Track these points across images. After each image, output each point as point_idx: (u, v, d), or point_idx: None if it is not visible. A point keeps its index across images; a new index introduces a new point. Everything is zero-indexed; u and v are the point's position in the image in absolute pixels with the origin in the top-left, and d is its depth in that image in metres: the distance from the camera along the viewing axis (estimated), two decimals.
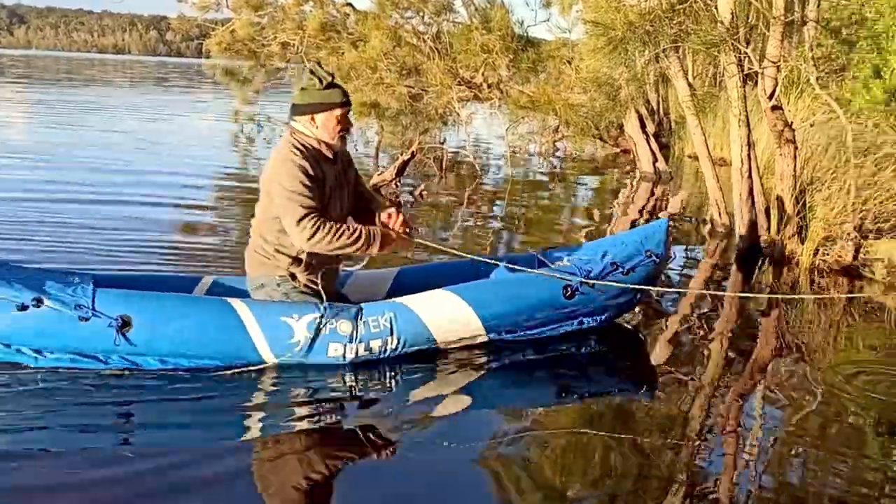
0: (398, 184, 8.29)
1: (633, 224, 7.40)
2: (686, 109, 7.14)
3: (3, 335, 3.07)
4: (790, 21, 5.87)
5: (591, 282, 3.64)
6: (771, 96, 5.79)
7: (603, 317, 3.79)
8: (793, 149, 5.84)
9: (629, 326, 4.19)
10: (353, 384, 3.19)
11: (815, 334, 4.44)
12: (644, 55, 5.87)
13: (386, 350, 3.32)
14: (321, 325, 3.20)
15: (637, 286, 3.78)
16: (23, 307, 3.01)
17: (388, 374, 3.31)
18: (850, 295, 5.09)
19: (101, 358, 3.12)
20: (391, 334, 3.31)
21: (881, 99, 8.01)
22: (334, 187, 3.31)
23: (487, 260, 3.94)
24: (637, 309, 4.24)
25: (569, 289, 3.63)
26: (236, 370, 3.16)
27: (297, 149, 3.19)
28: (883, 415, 3.19)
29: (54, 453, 2.55)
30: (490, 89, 12.30)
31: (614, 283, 3.69)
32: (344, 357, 3.26)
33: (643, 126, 10.73)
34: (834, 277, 5.43)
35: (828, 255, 5.54)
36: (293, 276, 3.32)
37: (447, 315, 3.40)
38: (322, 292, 3.28)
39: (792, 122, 5.98)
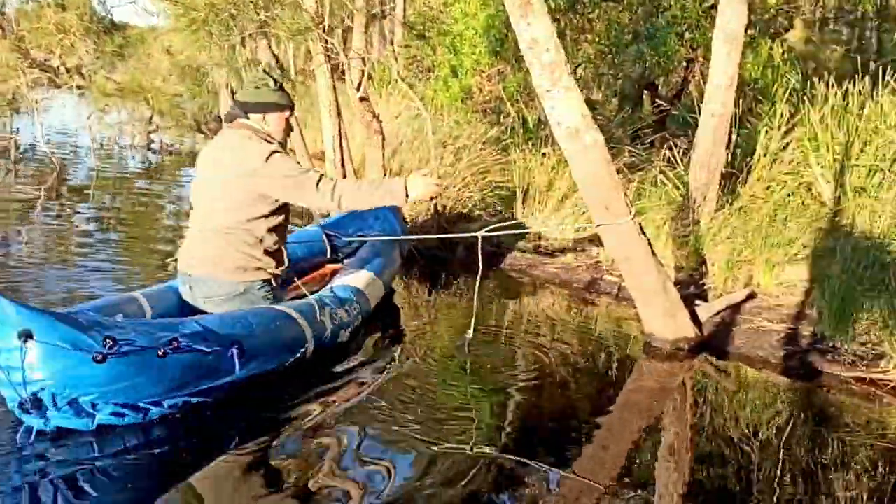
0: None
1: None
2: None
3: (133, 394, 2.64)
4: (375, 15, 6.02)
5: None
6: (358, 88, 5.91)
7: None
8: (380, 139, 6.03)
9: None
10: None
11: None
12: (229, 39, 5.59)
13: (358, 326, 3.75)
14: (335, 317, 3.51)
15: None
16: (164, 354, 2.64)
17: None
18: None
19: (207, 389, 2.88)
20: (359, 312, 3.76)
21: (458, 96, 8.78)
22: None
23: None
24: None
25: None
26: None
27: (266, 140, 3.25)
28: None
29: None
30: (70, 74, 11.04)
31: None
32: (346, 340, 3.63)
33: None
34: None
35: None
36: (275, 277, 3.39)
37: (373, 287, 4.04)
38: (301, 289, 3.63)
39: (379, 114, 6.18)
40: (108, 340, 2.48)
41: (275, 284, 3.39)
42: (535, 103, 7.78)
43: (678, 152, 5.95)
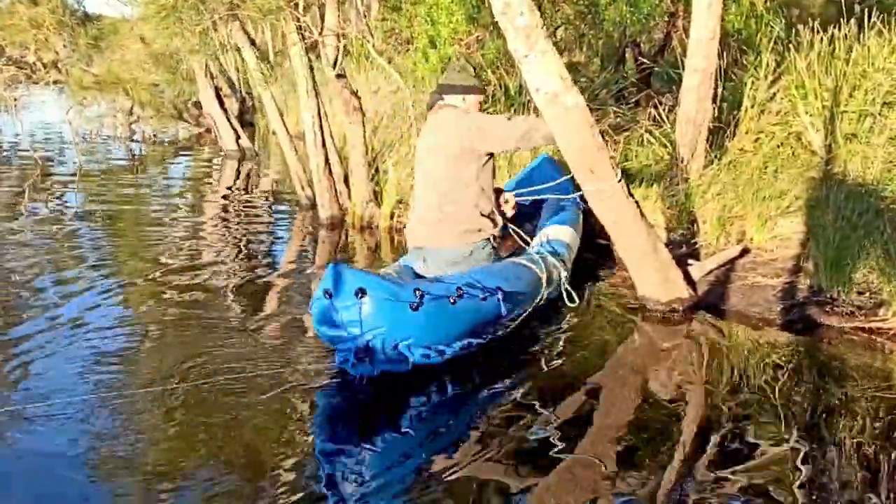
0: None
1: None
2: (257, 82, 6.89)
3: (436, 337, 3.09)
4: None
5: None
6: (334, 65, 5.78)
7: None
8: (360, 116, 5.92)
9: None
10: None
11: None
12: (200, 23, 5.45)
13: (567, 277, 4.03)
14: (555, 267, 3.86)
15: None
16: (454, 301, 3.08)
17: None
18: None
19: (483, 332, 3.38)
20: (569, 263, 4.10)
21: (437, 66, 8.62)
22: None
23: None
24: None
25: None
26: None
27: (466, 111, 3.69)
28: None
29: None
30: (46, 69, 10.87)
31: None
32: (567, 287, 3.94)
33: (222, 103, 10.31)
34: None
35: (402, 216, 5.73)
36: (494, 237, 3.76)
37: (574, 241, 4.32)
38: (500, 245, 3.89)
39: (358, 91, 6.06)
40: (417, 292, 2.96)
41: (494, 244, 3.79)
42: (516, 69, 7.65)
43: (664, 110, 5.84)
